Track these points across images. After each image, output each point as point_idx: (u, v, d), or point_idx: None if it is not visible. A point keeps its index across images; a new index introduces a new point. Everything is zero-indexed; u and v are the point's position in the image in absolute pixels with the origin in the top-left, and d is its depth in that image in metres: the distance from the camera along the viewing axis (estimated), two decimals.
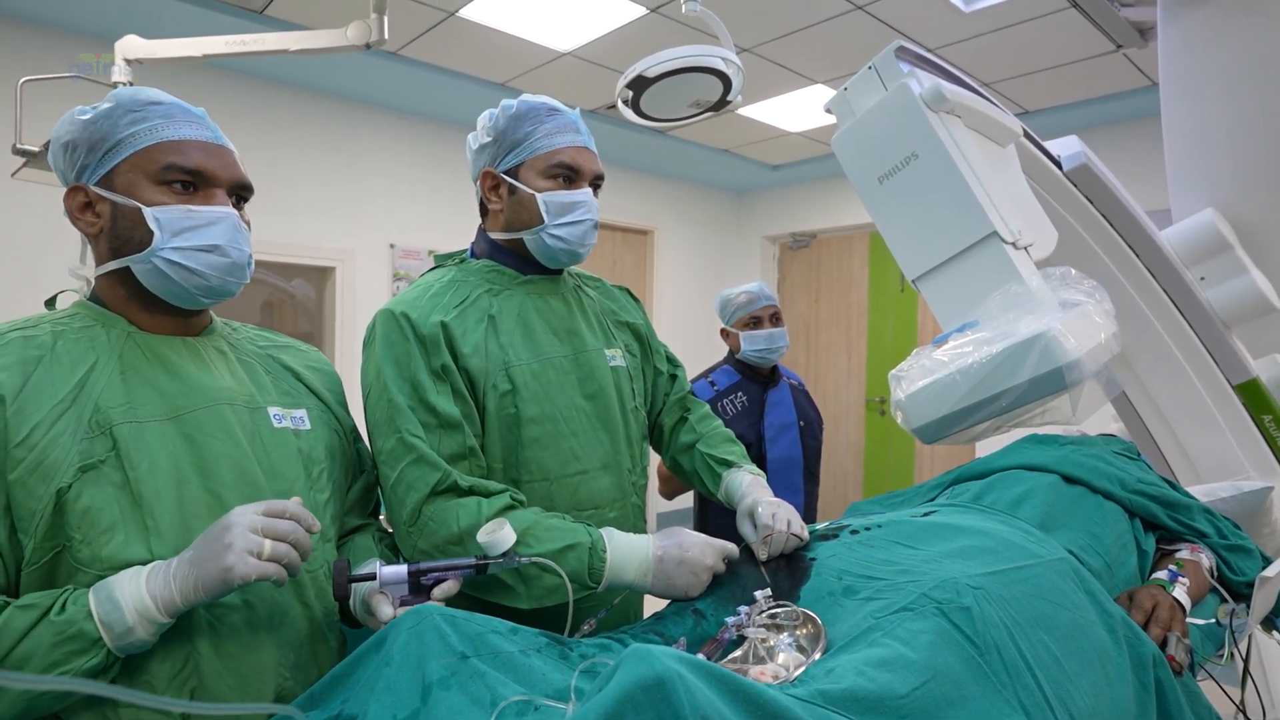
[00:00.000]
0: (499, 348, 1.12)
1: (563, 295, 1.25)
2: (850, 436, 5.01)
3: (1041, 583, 0.76)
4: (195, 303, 0.85)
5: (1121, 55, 3.06)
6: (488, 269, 1.20)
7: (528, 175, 1.16)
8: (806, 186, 5.17)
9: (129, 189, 0.81)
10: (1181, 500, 1.19)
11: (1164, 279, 1.53)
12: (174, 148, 0.81)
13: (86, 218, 0.82)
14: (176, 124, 0.82)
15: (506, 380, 1.11)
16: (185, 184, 0.82)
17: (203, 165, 0.83)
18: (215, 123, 0.88)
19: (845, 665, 0.62)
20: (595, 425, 1.19)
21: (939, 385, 0.98)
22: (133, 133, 0.81)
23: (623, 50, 3.13)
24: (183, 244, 0.80)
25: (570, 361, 1.19)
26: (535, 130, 1.16)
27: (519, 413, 1.11)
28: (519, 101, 1.18)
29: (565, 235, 1.16)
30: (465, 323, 1.12)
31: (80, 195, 0.82)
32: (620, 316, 1.34)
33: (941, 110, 1.09)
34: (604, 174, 1.23)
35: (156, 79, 2.12)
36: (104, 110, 0.81)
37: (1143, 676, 0.76)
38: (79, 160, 0.81)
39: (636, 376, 1.31)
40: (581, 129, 1.20)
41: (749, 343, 2.20)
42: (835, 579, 0.81)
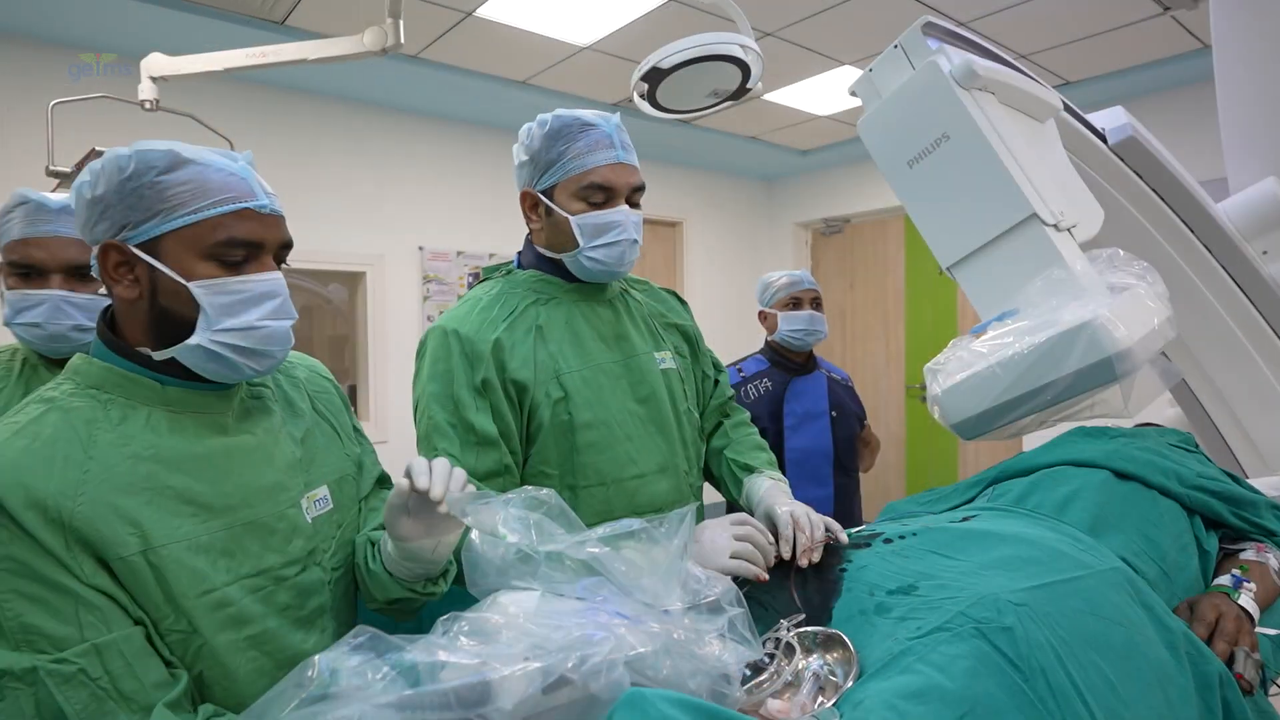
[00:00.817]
0: (549, 356, 1.14)
1: (609, 302, 1.25)
2: (891, 427, 4.89)
3: (1092, 596, 0.71)
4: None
5: (1169, 18, 2.89)
6: (534, 279, 1.21)
7: (562, 197, 1.16)
8: (838, 171, 5.05)
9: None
10: (1246, 495, 1.10)
11: (1222, 255, 1.43)
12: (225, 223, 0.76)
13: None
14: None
15: (558, 388, 1.12)
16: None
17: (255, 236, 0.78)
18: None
19: (874, 697, 0.57)
20: (650, 429, 1.19)
21: (978, 378, 0.93)
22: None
23: (643, 42, 3.08)
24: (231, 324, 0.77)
25: (620, 366, 1.19)
26: (568, 149, 1.14)
27: (572, 418, 1.12)
28: (553, 117, 1.16)
29: (601, 257, 1.15)
30: (515, 335, 1.14)
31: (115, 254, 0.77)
32: (669, 319, 1.35)
33: (973, 88, 1.03)
34: (644, 184, 1.21)
35: (182, 94, 2.16)
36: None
37: (1208, 699, 0.69)
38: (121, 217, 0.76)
39: (687, 378, 1.31)
40: (616, 141, 1.16)
41: (787, 323, 2.17)
42: (867, 594, 0.76)
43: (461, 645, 0.51)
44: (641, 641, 0.52)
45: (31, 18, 2.73)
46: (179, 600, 0.72)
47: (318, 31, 2.88)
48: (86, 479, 0.70)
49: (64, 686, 0.64)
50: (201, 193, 0.75)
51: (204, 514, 0.76)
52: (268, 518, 0.81)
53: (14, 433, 0.71)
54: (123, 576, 0.70)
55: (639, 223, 1.19)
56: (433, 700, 0.46)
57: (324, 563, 0.87)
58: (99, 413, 0.75)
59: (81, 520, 0.68)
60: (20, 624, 0.64)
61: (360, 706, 0.45)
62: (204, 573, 0.74)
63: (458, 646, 0.51)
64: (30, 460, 0.69)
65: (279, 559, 0.81)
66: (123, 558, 0.70)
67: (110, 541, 0.69)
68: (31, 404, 0.75)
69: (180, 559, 0.72)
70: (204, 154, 0.78)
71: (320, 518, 0.88)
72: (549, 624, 0.53)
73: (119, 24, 2.75)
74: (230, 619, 0.75)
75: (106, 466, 0.72)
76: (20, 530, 0.66)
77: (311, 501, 0.87)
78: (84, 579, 0.68)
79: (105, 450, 0.73)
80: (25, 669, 0.63)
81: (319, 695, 0.47)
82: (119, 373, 0.78)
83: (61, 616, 0.66)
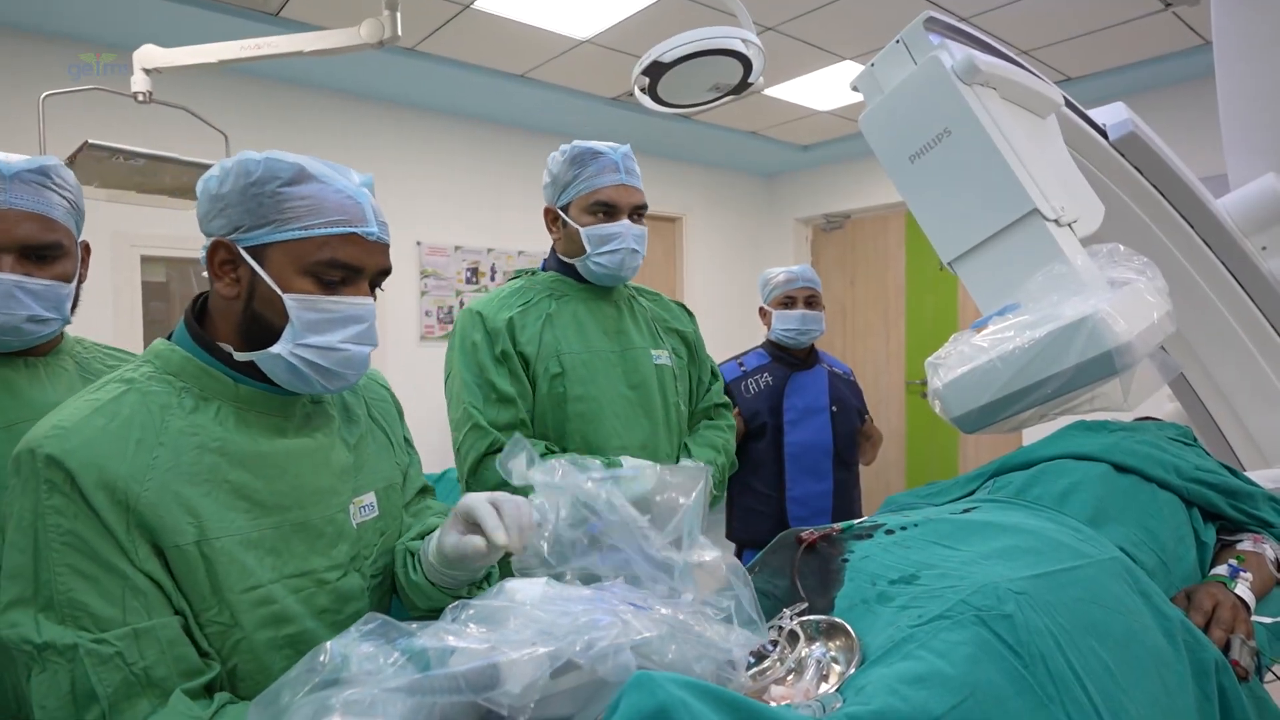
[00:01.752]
0: (553, 338, 1.36)
1: (615, 303, 1.47)
2: (891, 422, 4.90)
3: (1092, 585, 0.71)
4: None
5: (1171, 14, 2.89)
6: (553, 279, 1.45)
7: (575, 212, 1.40)
8: (838, 166, 5.05)
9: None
10: (1244, 488, 1.11)
11: (1222, 250, 1.43)
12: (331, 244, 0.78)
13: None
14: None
15: (557, 365, 1.34)
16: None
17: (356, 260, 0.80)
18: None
19: (877, 682, 0.58)
20: (637, 411, 1.39)
21: (979, 372, 0.94)
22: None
23: (642, 36, 3.07)
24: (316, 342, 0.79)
25: (617, 355, 1.40)
26: (581, 173, 1.38)
27: (566, 392, 1.34)
28: (571, 146, 1.41)
29: (605, 263, 1.38)
30: (526, 318, 1.37)
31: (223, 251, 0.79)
32: (670, 324, 1.55)
33: (975, 83, 1.03)
34: (645, 204, 1.43)
35: (176, 86, 2.15)
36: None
37: (1204, 685, 0.70)
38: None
39: (681, 376, 1.51)
40: (621, 167, 1.40)
41: (779, 321, 2.18)
42: (869, 584, 0.77)
43: (470, 631, 0.52)
44: (647, 626, 0.53)
45: (23, 9, 2.72)
46: (224, 593, 0.73)
47: (312, 23, 2.87)
48: (155, 464, 0.72)
49: (100, 667, 0.66)
50: (316, 210, 0.77)
51: (256, 511, 0.77)
52: (317, 520, 0.82)
53: (94, 410, 0.73)
54: (175, 564, 0.72)
55: (640, 235, 1.41)
56: (442, 684, 0.46)
57: (365, 569, 0.87)
58: (173, 399, 0.77)
59: (146, 506, 0.70)
60: (70, 599, 0.67)
61: (371, 690, 0.46)
62: (251, 569, 0.75)
63: (466, 632, 0.52)
64: (106, 440, 0.71)
65: (323, 562, 0.82)
66: (178, 545, 0.71)
67: (170, 529, 0.71)
68: (112, 383, 0.77)
69: (231, 552, 0.74)
70: (328, 173, 0.80)
71: (366, 524, 0.88)
72: (556, 610, 0.54)
73: (112, 16, 2.74)
74: (271, 616, 0.76)
75: (175, 453, 0.74)
76: (88, 508, 0.68)
77: (359, 507, 0.88)
78: (137, 563, 0.69)
79: (175, 437, 0.75)
80: (67, 645, 0.65)
81: (331, 680, 0.47)
82: (197, 364, 0.80)
83: (109, 598, 0.68)
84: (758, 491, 2.15)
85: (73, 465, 0.68)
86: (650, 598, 0.61)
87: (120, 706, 0.66)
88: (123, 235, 2.99)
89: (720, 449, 1.53)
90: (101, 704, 0.65)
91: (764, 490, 2.14)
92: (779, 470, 2.13)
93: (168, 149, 1.75)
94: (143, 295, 3.11)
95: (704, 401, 1.59)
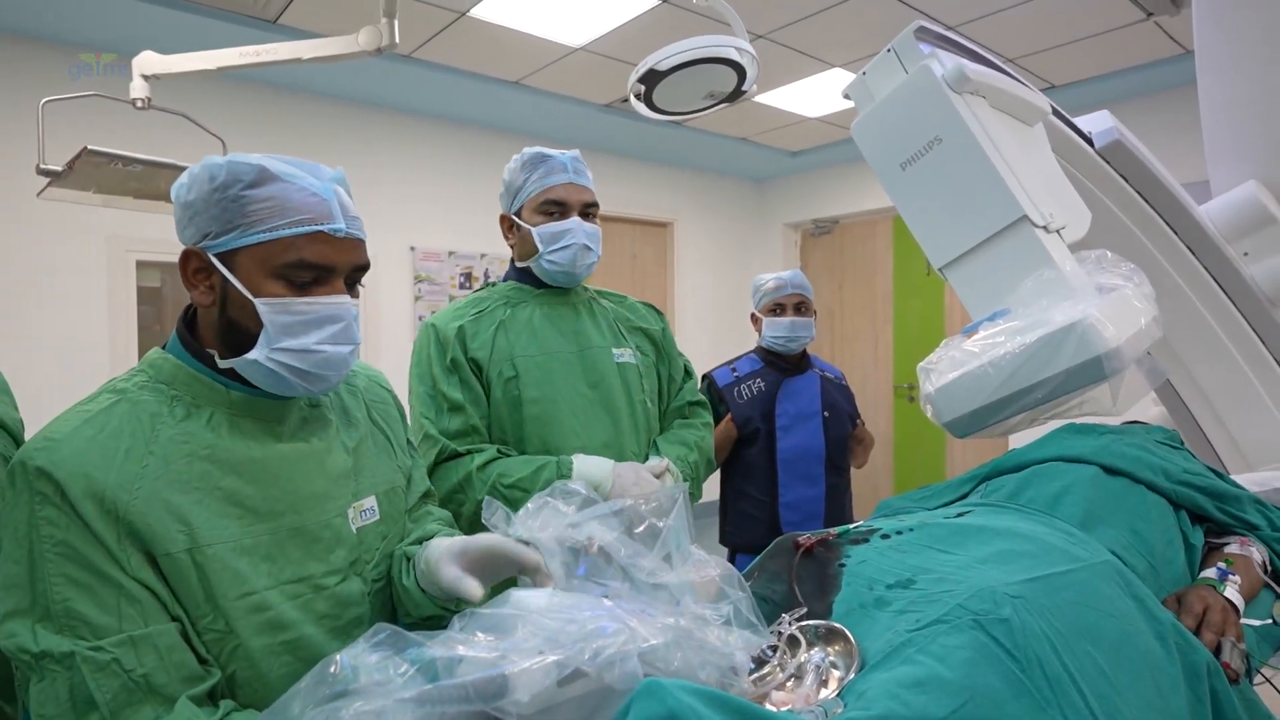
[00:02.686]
0: (507, 343, 1.37)
1: (573, 305, 1.47)
2: (880, 427, 4.92)
3: (1085, 589, 0.72)
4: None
5: (1153, 23, 2.94)
6: (510, 288, 1.47)
7: (528, 214, 1.42)
8: (827, 172, 5.08)
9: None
10: (1230, 491, 1.13)
11: (1205, 256, 1.46)
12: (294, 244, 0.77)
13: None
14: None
15: (511, 368, 1.35)
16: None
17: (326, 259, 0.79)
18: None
19: (877, 687, 0.59)
20: (597, 410, 1.39)
21: (970, 378, 0.95)
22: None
23: (635, 43, 3.08)
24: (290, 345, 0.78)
25: (575, 356, 1.40)
26: (530, 176, 1.41)
27: (520, 395, 1.35)
28: (523, 153, 1.44)
29: (557, 260, 1.39)
30: (479, 325, 1.38)
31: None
32: (634, 323, 1.54)
33: (965, 91, 1.04)
34: (596, 203, 1.44)
35: (174, 93, 2.14)
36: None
37: (1197, 688, 0.71)
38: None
39: (647, 374, 1.50)
40: (570, 168, 1.42)
41: (769, 329, 2.19)
42: (866, 589, 0.78)
43: (478, 640, 0.52)
44: (653, 634, 0.53)
45: (22, 15, 2.70)
46: (218, 600, 0.73)
47: (309, 30, 2.86)
48: (144, 473, 0.72)
49: (97, 674, 0.65)
50: (280, 211, 0.76)
51: (250, 517, 0.77)
52: (313, 526, 0.81)
53: (83, 421, 0.73)
54: (168, 572, 0.71)
55: (592, 233, 1.41)
56: (451, 694, 0.47)
57: (365, 574, 0.87)
58: (164, 407, 0.77)
59: (135, 515, 0.70)
60: (66, 608, 0.67)
61: (381, 701, 0.46)
62: (245, 575, 0.75)
63: (474, 641, 0.52)
64: (95, 450, 0.71)
65: (320, 567, 0.81)
66: (169, 554, 0.71)
67: (160, 537, 0.71)
68: (103, 394, 0.77)
69: (224, 560, 0.74)
70: (292, 171, 0.78)
71: (366, 528, 0.88)
72: (562, 618, 0.54)
73: (111, 22, 2.73)
74: (267, 623, 0.76)
75: (165, 462, 0.73)
76: (78, 518, 0.68)
77: (358, 512, 0.87)
78: (130, 571, 0.69)
79: (165, 445, 0.74)
80: (64, 653, 0.65)
81: (341, 691, 0.47)
82: (189, 372, 0.79)
83: (104, 606, 0.68)
84: (751, 496, 2.15)
85: (61, 476, 0.68)
86: (653, 605, 0.61)
87: (122, 714, 0.66)
88: (118, 240, 2.97)
89: (692, 445, 1.52)
90: (101, 710, 0.65)
91: (757, 495, 2.15)
92: (772, 475, 2.14)
93: (166, 155, 1.74)
94: (138, 300, 3.10)
95: (676, 400, 1.58)
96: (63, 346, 2.85)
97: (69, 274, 2.88)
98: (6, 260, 2.80)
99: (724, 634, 0.60)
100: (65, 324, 2.87)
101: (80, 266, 2.89)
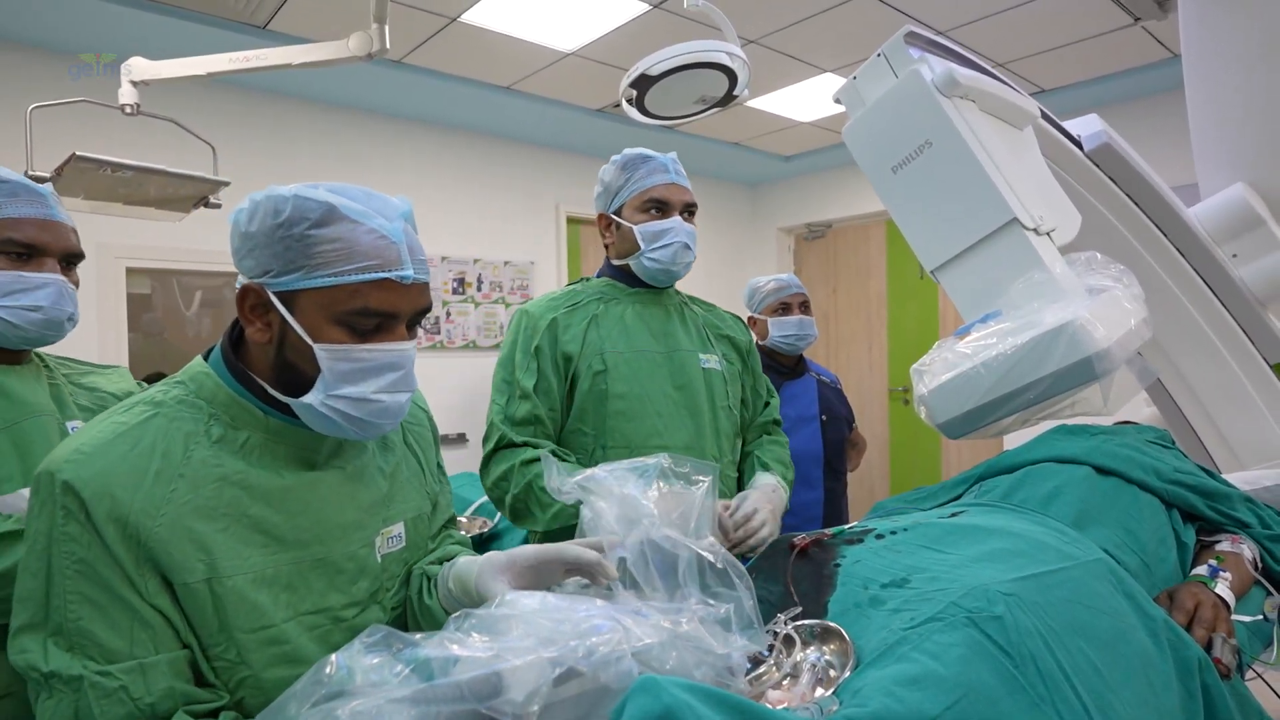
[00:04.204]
0: (598, 338, 1.38)
1: (665, 307, 1.49)
2: (875, 429, 4.94)
3: (1078, 586, 0.73)
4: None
5: (1140, 28, 2.97)
6: (604, 284, 1.48)
7: (628, 213, 1.43)
8: (820, 176, 5.10)
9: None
10: (1221, 489, 1.14)
11: (1194, 258, 1.47)
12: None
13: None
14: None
15: (601, 362, 1.36)
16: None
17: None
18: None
19: (872, 685, 0.59)
20: (681, 411, 1.39)
21: (963, 379, 0.96)
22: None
23: (626, 48, 3.09)
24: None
25: (663, 356, 1.42)
26: (632, 176, 1.43)
27: (607, 389, 1.35)
28: (623, 155, 1.46)
29: (659, 257, 1.41)
30: (572, 318, 1.40)
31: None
32: (722, 330, 1.57)
33: (955, 96, 1.05)
34: (695, 203, 1.46)
35: (163, 98, 2.14)
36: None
37: (1189, 683, 0.72)
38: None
39: (732, 381, 1.51)
40: (670, 169, 1.45)
41: (777, 329, 2.18)
42: (861, 588, 0.78)
43: (473, 640, 0.52)
44: (648, 633, 0.53)
45: (10, 21, 2.69)
46: (232, 632, 0.72)
47: (299, 36, 2.86)
48: (171, 497, 0.71)
49: (103, 700, 0.65)
50: (348, 255, 0.73)
51: (275, 546, 0.76)
52: (338, 557, 0.80)
53: (116, 435, 0.72)
54: (183, 599, 0.71)
55: (692, 233, 1.44)
56: (446, 694, 0.47)
57: (385, 602, 0.86)
58: (200, 426, 0.75)
59: (157, 542, 0.69)
60: (79, 628, 0.66)
61: (376, 701, 0.46)
62: (264, 608, 0.74)
63: (469, 641, 0.52)
64: (124, 469, 0.70)
65: (341, 599, 0.80)
66: (187, 583, 0.70)
67: (179, 566, 0.70)
68: (140, 404, 0.76)
69: (242, 592, 0.72)
70: (361, 210, 0.74)
71: (391, 555, 0.87)
72: (557, 618, 0.54)
73: (99, 27, 2.72)
74: (282, 655, 0.75)
75: (193, 486, 0.72)
76: (99, 539, 0.67)
77: (386, 539, 0.86)
78: (146, 597, 0.69)
79: (197, 468, 0.73)
80: (73, 676, 0.65)
81: (336, 692, 0.47)
82: (229, 394, 0.77)
83: (117, 628, 0.67)
84: None
85: (87, 495, 0.67)
86: (648, 607, 0.61)
87: None
88: (107, 247, 2.95)
89: (788, 464, 1.54)
90: None
91: None
92: None
93: (155, 160, 1.73)
94: (128, 307, 3.08)
95: (764, 416, 1.61)
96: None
97: None
98: None
99: (721, 634, 0.61)
100: None
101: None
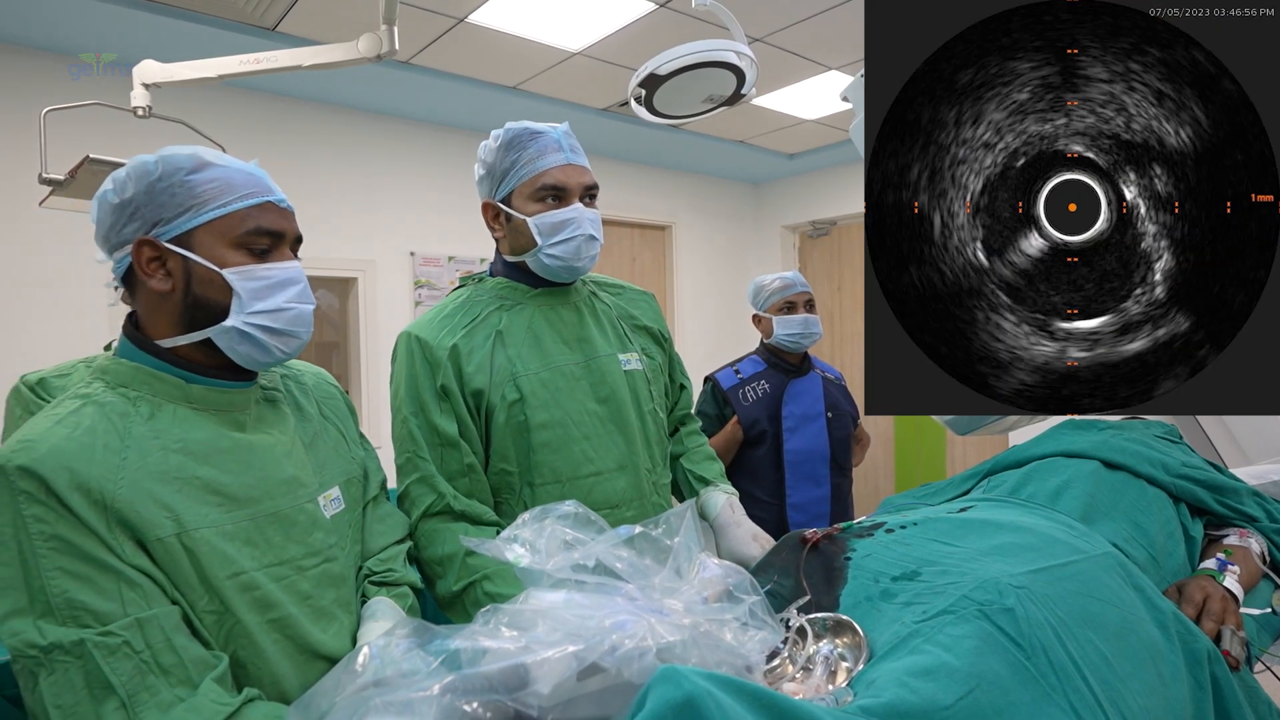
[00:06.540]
0: (506, 360, 1.19)
1: (574, 305, 1.29)
2: (880, 427, 4.94)
3: (1087, 579, 0.74)
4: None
5: None
6: (501, 286, 1.27)
7: (519, 201, 1.21)
8: (824, 174, 5.10)
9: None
10: (1228, 483, 1.15)
11: None
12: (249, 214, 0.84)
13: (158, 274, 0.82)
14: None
15: (514, 390, 1.17)
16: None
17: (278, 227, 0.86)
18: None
19: (886, 676, 0.61)
20: (609, 428, 1.23)
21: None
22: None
23: (633, 47, 3.10)
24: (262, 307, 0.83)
25: (580, 368, 1.24)
26: (520, 157, 1.20)
27: (528, 419, 1.17)
28: (504, 130, 1.23)
29: (559, 254, 1.20)
30: (473, 341, 1.19)
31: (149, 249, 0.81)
32: (638, 321, 1.38)
33: None
34: (596, 184, 1.24)
35: (175, 101, 2.16)
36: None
37: (1198, 674, 0.73)
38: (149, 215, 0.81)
39: (655, 379, 1.35)
40: (564, 145, 1.21)
41: (782, 327, 2.19)
42: (872, 582, 0.79)
43: (502, 634, 0.54)
44: (671, 631, 0.55)
45: (23, 25, 2.72)
46: (212, 581, 0.75)
47: (308, 38, 2.88)
48: (125, 465, 0.73)
49: (110, 658, 0.66)
50: (228, 189, 0.82)
51: (229, 504, 0.79)
52: (288, 510, 0.84)
53: (55, 423, 0.74)
54: (159, 558, 0.73)
55: (595, 219, 1.22)
56: (475, 684, 0.48)
57: (343, 556, 0.90)
58: (129, 408, 0.78)
59: (123, 503, 0.71)
60: (66, 600, 0.67)
61: (407, 692, 0.47)
62: (232, 557, 0.77)
63: (498, 635, 0.54)
64: (73, 446, 0.72)
65: (300, 549, 0.84)
66: (160, 539, 0.73)
67: (149, 523, 0.72)
68: (68, 399, 0.78)
69: (211, 542, 0.76)
70: (223, 157, 0.85)
71: (337, 516, 0.91)
72: (583, 614, 0.55)
73: (111, 31, 2.74)
74: (258, 601, 0.78)
75: (141, 455, 0.75)
76: (66, 511, 0.69)
77: (328, 501, 0.90)
78: (125, 558, 0.71)
79: (139, 441, 0.76)
80: (74, 642, 0.66)
81: (369, 681, 0.49)
82: (146, 371, 0.81)
83: (106, 593, 0.69)
84: (758, 499, 2.16)
85: (45, 472, 0.69)
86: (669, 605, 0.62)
87: (140, 697, 0.66)
88: None
89: (715, 458, 1.47)
90: (119, 694, 0.66)
91: (764, 498, 2.16)
92: (778, 477, 2.15)
93: None
94: None
95: (680, 407, 1.47)
96: (62, 358, 2.83)
97: (70, 284, 2.88)
98: (7, 269, 2.81)
99: (739, 633, 0.62)
100: (65, 334, 2.87)
101: (81, 277, 2.90)
